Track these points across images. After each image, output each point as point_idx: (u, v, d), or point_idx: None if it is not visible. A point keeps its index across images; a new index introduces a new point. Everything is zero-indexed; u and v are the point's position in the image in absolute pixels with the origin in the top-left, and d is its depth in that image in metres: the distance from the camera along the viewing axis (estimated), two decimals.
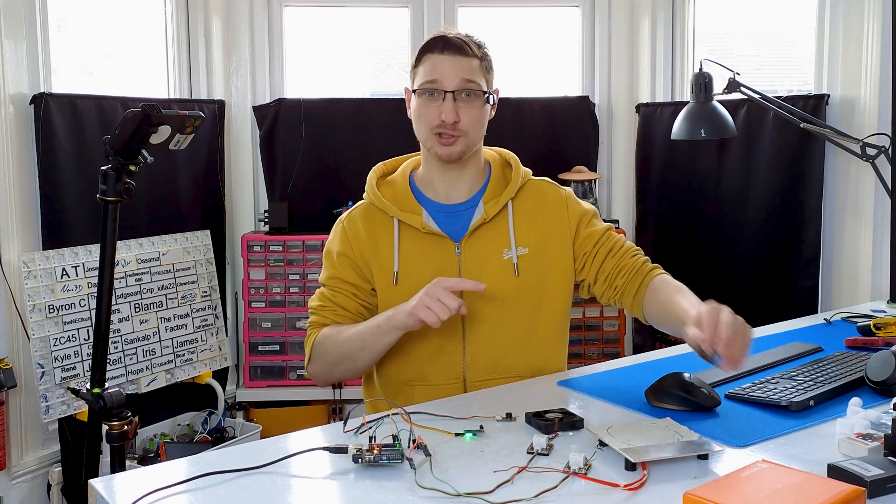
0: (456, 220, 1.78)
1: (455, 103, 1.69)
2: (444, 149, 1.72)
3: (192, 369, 3.26)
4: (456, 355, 1.75)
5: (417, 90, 1.74)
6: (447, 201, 1.80)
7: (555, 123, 3.61)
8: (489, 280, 1.72)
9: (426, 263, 1.75)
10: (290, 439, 1.39)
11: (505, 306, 1.75)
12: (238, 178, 3.61)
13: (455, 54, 1.70)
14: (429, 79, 1.71)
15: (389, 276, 1.75)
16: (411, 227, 1.76)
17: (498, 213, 1.77)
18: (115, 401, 1.93)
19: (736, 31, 3.55)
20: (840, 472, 1.16)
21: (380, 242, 1.77)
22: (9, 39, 2.77)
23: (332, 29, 3.76)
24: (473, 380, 1.75)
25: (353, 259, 1.78)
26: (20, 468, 2.86)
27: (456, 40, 1.71)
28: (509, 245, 1.76)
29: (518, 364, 1.77)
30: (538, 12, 3.79)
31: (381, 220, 1.79)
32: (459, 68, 1.70)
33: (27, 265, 2.76)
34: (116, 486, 1.22)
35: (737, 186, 3.23)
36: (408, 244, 1.76)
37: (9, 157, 2.79)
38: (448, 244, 1.76)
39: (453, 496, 1.14)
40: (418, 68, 1.74)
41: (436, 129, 1.72)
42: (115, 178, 1.90)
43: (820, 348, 1.95)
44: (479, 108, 1.73)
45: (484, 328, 1.75)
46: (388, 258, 1.76)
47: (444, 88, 1.69)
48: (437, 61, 1.71)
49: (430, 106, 1.72)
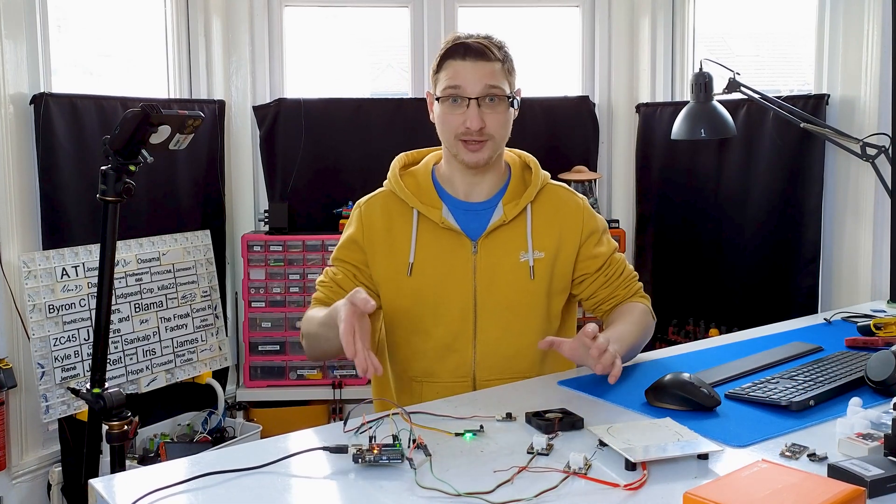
0: (475, 218, 1.78)
1: (479, 109, 1.68)
2: (471, 155, 1.72)
3: (192, 369, 3.26)
4: (466, 354, 1.76)
5: (440, 97, 1.72)
6: (467, 199, 1.80)
7: (555, 123, 3.61)
8: (503, 281, 1.75)
9: (442, 258, 1.76)
10: (290, 439, 1.39)
11: (518, 308, 1.76)
12: (238, 178, 3.61)
13: (477, 59, 1.68)
14: (451, 85, 1.69)
15: (403, 266, 1.76)
16: (430, 220, 1.76)
17: (517, 216, 1.78)
18: (115, 401, 1.94)
19: (736, 31, 3.55)
20: (840, 472, 1.16)
21: (396, 232, 1.78)
22: (9, 39, 2.77)
23: (332, 29, 3.76)
24: (482, 379, 1.76)
25: (361, 244, 1.79)
26: (20, 468, 2.86)
27: (477, 45, 1.69)
28: (526, 248, 1.77)
29: (527, 366, 1.78)
30: (538, 12, 3.79)
31: (401, 210, 1.79)
32: (482, 74, 1.68)
33: (27, 265, 2.76)
34: (116, 486, 1.21)
35: (737, 186, 3.23)
36: (425, 237, 1.77)
37: (9, 157, 2.79)
38: (465, 242, 1.76)
39: (453, 496, 1.14)
40: (440, 74, 1.73)
41: (461, 136, 1.71)
42: (115, 178, 1.90)
43: (820, 348, 1.95)
44: (504, 113, 1.72)
45: (495, 329, 1.76)
46: (403, 249, 1.76)
47: (468, 95, 1.68)
48: (458, 67, 1.69)
49: (454, 113, 1.71)
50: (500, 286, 1.75)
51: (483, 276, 1.75)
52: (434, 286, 1.75)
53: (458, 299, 1.75)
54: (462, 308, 1.75)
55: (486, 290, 1.75)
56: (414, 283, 1.75)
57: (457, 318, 1.75)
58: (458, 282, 1.75)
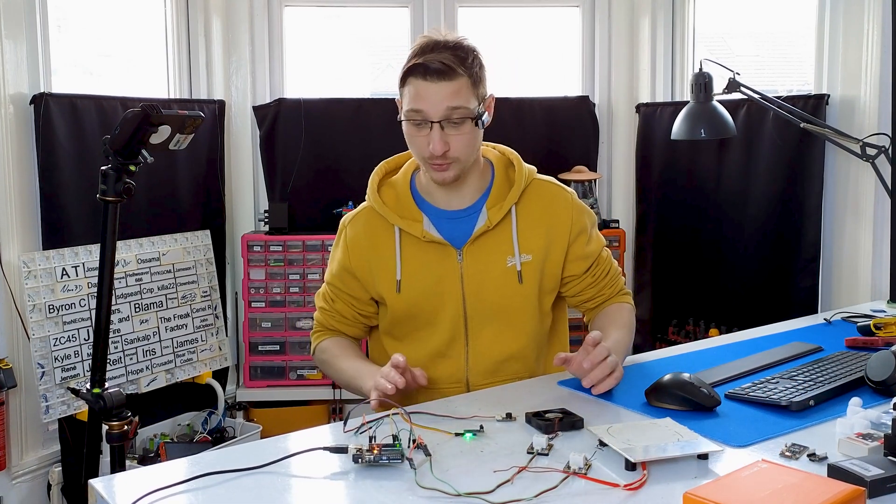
0: (458, 226, 1.75)
1: (443, 132, 1.62)
2: (438, 174, 1.68)
3: (192, 369, 3.26)
4: (459, 360, 1.76)
5: (404, 118, 1.66)
6: (448, 208, 1.77)
7: (555, 123, 3.61)
8: (492, 287, 1.73)
9: (428, 271, 1.74)
10: (290, 439, 1.39)
11: (508, 313, 1.75)
12: (238, 178, 3.61)
13: (439, 80, 1.60)
14: (414, 108, 1.63)
15: (393, 283, 1.75)
16: (412, 235, 1.74)
17: (501, 220, 1.75)
18: (115, 401, 1.93)
19: (736, 31, 3.55)
20: (840, 472, 1.16)
21: (382, 249, 1.77)
22: (9, 39, 2.77)
23: (332, 29, 3.76)
24: (476, 384, 1.76)
25: (353, 272, 1.79)
26: (20, 468, 2.86)
27: (438, 65, 1.60)
28: (513, 252, 1.74)
29: (520, 368, 1.78)
30: (538, 12, 3.79)
31: (383, 226, 1.77)
32: (444, 96, 1.60)
33: (27, 265, 2.76)
34: (116, 486, 1.22)
35: (737, 186, 3.22)
36: (409, 252, 1.75)
37: (9, 157, 2.79)
38: (450, 252, 1.74)
39: (453, 496, 1.14)
40: (404, 89, 1.66)
41: (427, 159, 1.67)
42: (115, 178, 1.90)
43: (820, 348, 1.95)
44: (469, 133, 1.65)
45: (486, 334, 1.75)
46: (390, 265, 1.75)
47: (430, 118, 1.61)
48: (420, 88, 1.61)
49: (418, 135, 1.65)
50: (488, 292, 1.74)
51: (471, 283, 1.73)
52: (424, 299, 1.74)
53: (449, 308, 1.74)
54: (453, 316, 1.74)
55: (474, 297, 1.74)
56: (403, 298, 1.74)
57: (448, 327, 1.75)
58: (446, 291, 1.74)
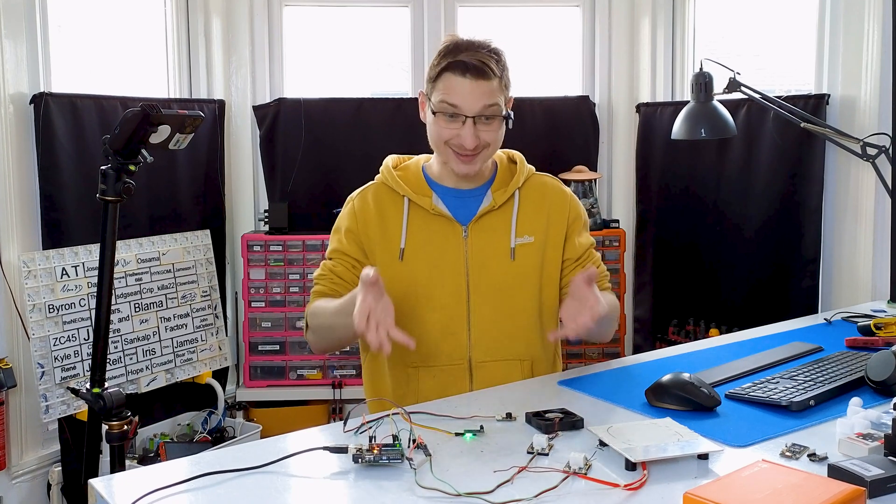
0: (464, 204, 1.82)
1: (475, 127, 1.70)
2: (462, 166, 1.75)
3: (192, 369, 3.26)
4: (461, 336, 1.79)
5: (436, 110, 1.72)
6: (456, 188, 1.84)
7: (555, 123, 3.61)
8: (493, 265, 1.79)
9: (433, 243, 1.79)
10: (290, 439, 1.39)
11: (510, 291, 1.79)
12: (238, 178, 3.61)
13: (476, 78, 1.68)
14: (449, 101, 1.69)
15: (395, 251, 1.79)
16: (421, 207, 1.80)
17: (505, 202, 1.82)
18: (115, 401, 1.93)
19: (736, 31, 3.55)
20: (840, 472, 1.16)
21: (388, 219, 1.81)
22: (9, 39, 2.77)
23: (332, 29, 3.76)
24: (479, 361, 1.78)
25: (357, 235, 1.82)
26: (20, 468, 2.86)
27: (477, 63, 1.68)
28: (517, 232, 1.81)
29: (521, 348, 1.81)
30: (538, 12, 3.78)
31: (392, 199, 1.83)
32: (481, 93, 1.68)
33: (27, 265, 2.76)
34: (116, 486, 1.22)
35: (737, 186, 3.23)
36: (416, 223, 1.80)
37: (9, 157, 2.79)
38: (456, 227, 1.80)
39: (453, 496, 1.14)
40: (437, 83, 1.72)
41: (452, 145, 1.73)
42: (115, 177, 1.90)
43: (820, 348, 1.95)
44: (498, 129, 1.75)
45: (487, 310, 1.79)
46: (395, 235, 1.80)
47: (465, 114, 1.69)
48: (457, 84, 1.68)
49: (448, 126, 1.72)
50: (491, 269, 1.79)
51: (475, 259, 1.79)
52: (426, 271, 1.78)
53: (451, 283, 1.78)
54: (455, 291, 1.78)
55: (477, 274, 1.79)
56: (406, 268, 1.78)
57: (451, 302, 1.78)
58: (449, 266, 1.78)
